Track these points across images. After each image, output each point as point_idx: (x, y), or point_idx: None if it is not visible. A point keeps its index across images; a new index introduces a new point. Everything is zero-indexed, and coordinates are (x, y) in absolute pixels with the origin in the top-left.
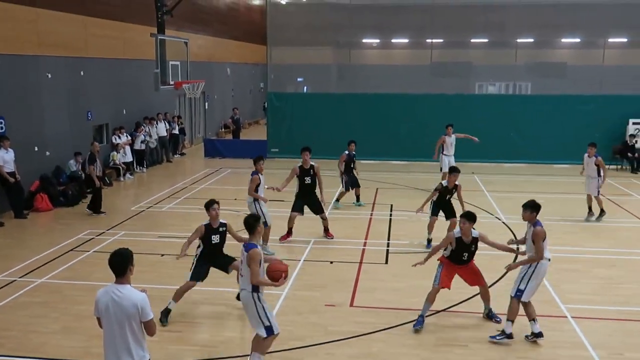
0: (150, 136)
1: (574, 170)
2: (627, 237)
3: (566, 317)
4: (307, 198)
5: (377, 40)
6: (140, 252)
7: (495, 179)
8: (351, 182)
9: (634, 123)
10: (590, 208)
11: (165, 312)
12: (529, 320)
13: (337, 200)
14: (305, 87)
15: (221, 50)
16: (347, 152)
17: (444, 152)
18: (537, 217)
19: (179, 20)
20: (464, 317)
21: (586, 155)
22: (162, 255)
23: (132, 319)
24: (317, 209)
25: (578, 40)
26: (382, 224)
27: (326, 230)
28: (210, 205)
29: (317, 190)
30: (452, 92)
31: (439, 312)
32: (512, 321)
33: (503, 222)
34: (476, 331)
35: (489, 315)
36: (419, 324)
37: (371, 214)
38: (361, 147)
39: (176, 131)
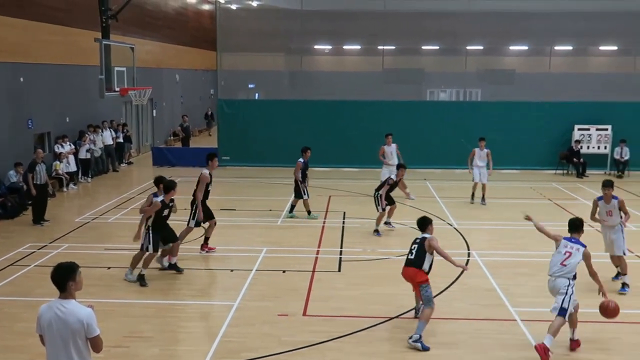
0: (95, 144)
1: (524, 176)
2: None
3: (515, 320)
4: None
5: (329, 47)
6: (86, 265)
7: (446, 185)
8: (303, 191)
9: (579, 129)
10: (473, 195)
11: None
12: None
13: (291, 211)
14: (256, 94)
15: (170, 56)
16: (302, 159)
17: (385, 162)
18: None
19: (125, 25)
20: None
21: (477, 149)
22: (109, 268)
23: (77, 335)
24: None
25: (526, 47)
26: (335, 231)
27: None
28: (174, 186)
29: None
30: (404, 98)
31: (391, 319)
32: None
33: (454, 228)
34: (428, 336)
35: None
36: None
37: (324, 222)
38: (314, 154)
39: (121, 139)
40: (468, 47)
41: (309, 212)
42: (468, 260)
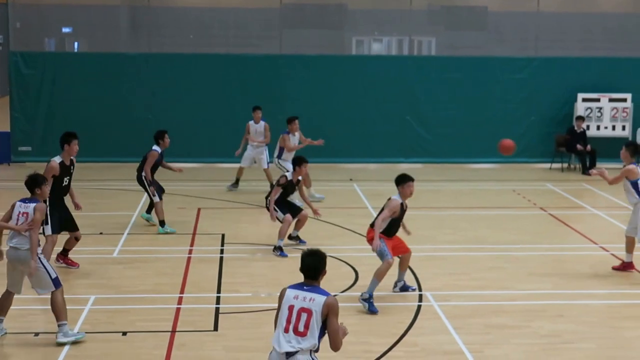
0: None
1: (506, 172)
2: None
3: None
4: (63, 209)
5: None
6: None
7: (383, 188)
8: (159, 188)
9: (584, 99)
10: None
11: None
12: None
13: (149, 212)
14: (75, 43)
15: None
16: (157, 148)
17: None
18: None
19: None
20: None
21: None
22: None
23: None
24: (73, 224)
25: None
26: (209, 265)
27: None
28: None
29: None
30: (317, 51)
31: None
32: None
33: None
34: None
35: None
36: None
37: (190, 250)
38: (172, 144)
39: None
40: None
41: (161, 223)
42: (420, 305)
